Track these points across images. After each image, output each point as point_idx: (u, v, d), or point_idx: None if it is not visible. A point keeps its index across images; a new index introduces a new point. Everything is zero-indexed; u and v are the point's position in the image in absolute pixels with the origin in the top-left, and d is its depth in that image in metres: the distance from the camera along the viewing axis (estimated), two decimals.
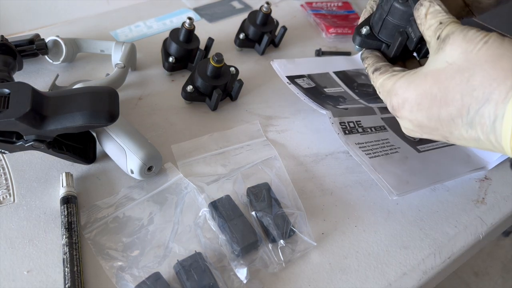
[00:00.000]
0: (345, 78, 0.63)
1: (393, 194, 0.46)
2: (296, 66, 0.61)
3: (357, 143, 0.51)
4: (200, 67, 0.56)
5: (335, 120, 0.52)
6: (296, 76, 0.59)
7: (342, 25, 0.76)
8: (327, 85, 0.60)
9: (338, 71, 0.63)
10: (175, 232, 0.44)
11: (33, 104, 0.40)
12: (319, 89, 0.58)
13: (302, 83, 0.58)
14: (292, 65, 0.61)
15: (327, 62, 0.65)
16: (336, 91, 0.59)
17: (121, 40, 0.68)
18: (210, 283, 0.39)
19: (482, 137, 0.33)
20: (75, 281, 0.39)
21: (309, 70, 0.61)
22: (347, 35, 0.74)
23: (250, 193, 0.46)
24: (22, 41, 0.58)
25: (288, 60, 0.61)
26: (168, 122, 0.56)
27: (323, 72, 0.62)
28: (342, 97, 0.58)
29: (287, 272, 0.42)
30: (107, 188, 0.48)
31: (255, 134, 0.55)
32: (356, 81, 0.62)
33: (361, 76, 0.64)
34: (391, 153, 0.51)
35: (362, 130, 0.53)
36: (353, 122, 0.53)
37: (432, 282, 0.45)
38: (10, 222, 0.44)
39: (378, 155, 0.50)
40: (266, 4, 0.64)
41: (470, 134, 0.34)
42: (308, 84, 0.58)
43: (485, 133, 0.32)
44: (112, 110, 0.43)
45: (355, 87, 0.61)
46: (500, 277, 1.28)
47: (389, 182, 0.47)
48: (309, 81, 0.59)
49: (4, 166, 0.49)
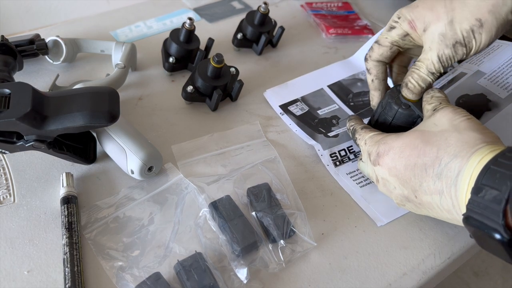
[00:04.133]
0: (340, 90, 0.62)
1: (382, 222, 0.47)
2: (289, 90, 0.61)
3: (348, 173, 0.52)
4: (200, 67, 0.56)
5: (325, 152, 0.53)
6: (289, 102, 0.60)
7: (342, 25, 0.76)
8: (321, 105, 0.60)
9: (333, 84, 0.63)
10: (175, 232, 0.44)
11: (33, 104, 0.40)
12: (313, 113, 0.58)
13: (295, 109, 0.59)
14: (285, 91, 0.61)
15: (322, 75, 0.65)
16: (330, 110, 0.59)
17: (121, 40, 0.68)
18: (210, 283, 0.39)
19: (445, 190, 0.37)
20: (76, 281, 0.39)
21: (303, 91, 0.61)
22: (347, 35, 0.74)
23: (250, 194, 0.46)
24: (22, 41, 0.58)
25: (281, 86, 0.62)
26: (168, 122, 0.56)
27: (317, 89, 0.62)
28: (335, 117, 0.58)
29: (287, 272, 0.42)
30: (108, 188, 0.48)
31: (255, 134, 0.55)
32: (351, 91, 0.62)
33: (357, 84, 0.63)
34: None
35: (354, 156, 0.53)
36: (344, 150, 0.54)
37: (432, 282, 0.45)
38: (10, 222, 0.44)
39: (369, 181, 0.51)
40: (264, 4, 0.64)
41: (436, 186, 0.38)
42: (302, 110, 0.59)
43: (448, 186, 0.37)
44: (112, 110, 0.43)
45: (350, 100, 0.61)
46: (500, 277, 1.28)
47: (379, 210, 0.48)
48: (302, 105, 0.59)
49: (4, 166, 0.49)
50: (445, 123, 0.40)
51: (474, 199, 0.34)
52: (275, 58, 0.68)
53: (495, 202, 0.32)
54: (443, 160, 0.38)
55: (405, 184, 0.41)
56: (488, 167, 0.34)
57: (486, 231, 0.33)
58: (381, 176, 0.44)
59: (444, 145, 0.38)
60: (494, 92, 0.53)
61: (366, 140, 0.46)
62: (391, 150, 0.42)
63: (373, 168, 0.45)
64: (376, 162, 0.44)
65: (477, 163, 0.35)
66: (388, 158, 0.42)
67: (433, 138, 0.39)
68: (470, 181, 0.35)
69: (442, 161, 0.38)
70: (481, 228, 0.33)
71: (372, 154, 0.44)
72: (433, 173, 0.38)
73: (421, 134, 0.41)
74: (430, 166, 0.39)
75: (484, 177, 0.34)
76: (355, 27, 0.76)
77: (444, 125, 0.40)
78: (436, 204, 0.39)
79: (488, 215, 0.32)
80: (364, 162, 0.47)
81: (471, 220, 0.34)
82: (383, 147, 0.43)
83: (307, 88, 0.62)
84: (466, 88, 0.55)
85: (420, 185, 0.40)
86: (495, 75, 0.55)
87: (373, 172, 0.45)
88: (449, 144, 0.38)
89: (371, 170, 0.45)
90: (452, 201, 0.37)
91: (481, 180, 0.34)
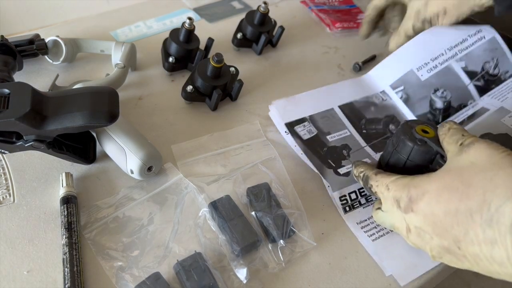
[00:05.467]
0: (352, 113, 0.57)
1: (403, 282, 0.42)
2: (297, 105, 0.56)
3: (358, 222, 0.47)
4: (200, 67, 0.56)
5: (335, 195, 0.48)
6: (296, 121, 0.54)
7: (346, 19, 0.76)
8: (331, 130, 0.54)
9: (344, 104, 0.58)
10: (175, 232, 0.44)
11: (33, 104, 0.40)
12: (321, 139, 0.53)
13: (302, 131, 0.53)
14: (292, 105, 0.56)
15: (332, 92, 0.59)
16: (341, 137, 0.54)
17: (121, 40, 0.68)
18: (210, 283, 0.39)
19: (499, 239, 0.32)
20: (75, 281, 0.39)
21: (312, 109, 0.56)
22: (352, 29, 0.75)
23: (250, 193, 0.46)
24: (22, 41, 0.58)
25: (288, 98, 0.56)
26: (168, 122, 0.56)
27: (327, 108, 0.56)
28: (346, 146, 0.53)
29: (287, 272, 0.42)
30: (107, 188, 0.48)
31: (255, 134, 0.55)
32: (364, 116, 0.57)
33: (370, 108, 0.58)
34: None
35: (365, 201, 0.48)
36: (355, 192, 0.49)
37: (432, 282, 0.45)
38: (10, 222, 0.44)
39: (383, 234, 0.46)
40: (264, 4, 0.64)
41: (487, 234, 0.33)
42: (309, 132, 0.53)
43: (503, 234, 0.32)
44: (112, 110, 0.43)
45: (363, 126, 0.56)
46: None
47: (394, 270, 0.43)
48: (311, 127, 0.54)
49: (4, 166, 0.49)
50: (484, 160, 0.35)
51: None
52: (275, 58, 0.68)
53: None
54: (492, 204, 0.32)
55: (445, 233, 0.36)
56: None
57: None
58: (414, 225, 0.38)
59: (490, 186, 0.33)
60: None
61: (388, 185, 0.40)
62: (426, 194, 0.37)
63: (403, 216, 0.39)
64: (409, 209, 0.38)
65: None
66: (423, 203, 0.37)
67: (474, 178, 0.34)
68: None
69: (491, 205, 0.33)
70: None
71: (402, 200, 0.39)
72: (481, 220, 0.33)
73: (458, 174, 0.36)
74: (476, 211, 0.33)
75: None
76: (358, 21, 0.76)
77: (483, 164, 0.35)
78: (485, 256, 0.34)
79: None
80: (385, 212, 0.42)
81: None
82: (415, 191, 0.38)
83: (316, 105, 0.57)
84: (488, 126, 0.51)
85: (466, 234, 0.34)
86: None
87: (402, 221, 0.40)
88: (497, 185, 0.33)
89: (400, 218, 0.40)
90: (507, 252, 0.32)
91: None
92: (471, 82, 0.58)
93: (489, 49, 0.60)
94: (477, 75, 0.58)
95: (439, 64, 0.58)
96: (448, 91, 0.57)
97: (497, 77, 0.59)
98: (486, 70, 0.59)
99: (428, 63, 0.58)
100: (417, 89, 0.58)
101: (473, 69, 0.59)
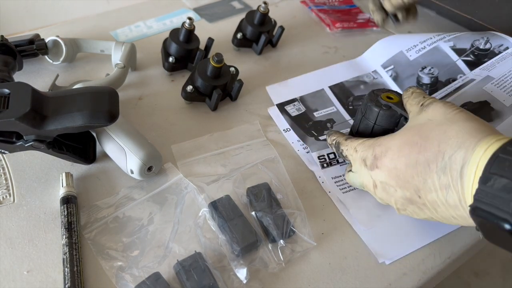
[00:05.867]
0: (341, 92, 0.61)
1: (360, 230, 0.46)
2: (289, 88, 0.61)
3: (333, 177, 0.50)
4: (200, 67, 0.56)
5: (314, 155, 0.52)
6: (287, 101, 0.59)
7: (346, 19, 0.76)
8: (319, 107, 0.58)
9: (334, 84, 0.62)
10: (175, 232, 0.44)
11: (33, 104, 0.40)
12: (308, 115, 0.57)
13: (291, 109, 0.58)
14: (285, 89, 0.61)
15: (325, 74, 0.63)
16: (327, 113, 0.58)
17: (121, 40, 0.68)
18: (210, 283, 0.39)
19: (452, 184, 0.36)
20: (75, 281, 0.39)
21: (302, 91, 0.60)
22: (352, 29, 0.75)
23: (250, 193, 0.46)
24: (22, 41, 0.58)
25: (281, 83, 0.61)
26: (168, 122, 0.56)
27: (318, 89, 0.61)
28: (331, 120, 0.57)
29: (287, 272, 0.42)
30: (107, 188, 0.48)
31: (255, 134, 0.55)
32: (352, 94, 0.61)
33: (360, 86, 0.62)
34: None
35: (343, 160, 0.52)
36: (333, 153, 0.52)
37: (432, 282, 0.45)
38: (10, 222, 0.44)
39: (352, 188, 0.49)
40: (264, 4, 0.64)
41: (442, 181, 0.37)
42: (298, 110, 0.58)
43: (455, 179, 0.36)
44: (112, 110, 0.43)
45: (350, 103, 0.59)
46: (501, 277, 1.28)
47: (359, 217, 0.46)
48: (300, 105, 0.58)
49: (4, 166, 0.49)
50: (439, 117, 0.40)
51: (482, 188, 0.33)
52: (275, 58, 0.68)
53: (505, 191, 0.31)
54: (446, 153, 0.37)
55: (407, 184, 0.40)
56: (497, 156, 0.33)
57: (495, 222, 0.32)
58: (380, 180, 0.42)
59: (444, 138, 0.38)
60: (499, 99, 0.51)
61: (356, 147, 0.45)
62: (388, 151, 0.41)
63: (369, 173, 0.43)
64: (374, 166, 0.42)
65: (483, 152, 0.34)
66: (386, 159, 0.41)
67: (431, 133, 0.39)
68: (477, 171, 0.34)
69: (445, 154, 0.37)
70: (489, 219, 0.32)
71: (367, 159, 0.43)
72: (437, 168, 0.37)
73: (417, 130, 0.40)
74: (433, 161, 0.38)
75: (492, 166, 0.33)
76: (358, 21, 0.76)
77: (439, 119, 0.40)
78: (441, 202, 0.38)
79: (497, 205, 0.32)
80: (354, 172, 0.46)
81: (479, 211, 0.33)
82: (379, 148, 0.42)
83: (307, 87, 0.61)
84: (470, 95, 0.54)
85: (425, 183, 0.38)
86: (503, 80, 0.53)
87: (369, 178, 0.44)
88: (449, 136, 0.37)
89: (367, 176, 0.44)
90: (458, 195, 0.36)
91: (489, 169, 0.33)
92: (459, 58, 0.60)
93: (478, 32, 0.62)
94: (466, 51, 0.60)
95: (428, 45, 0.62)
96: (436, 68, 0.60)
97: (490, 51, 0.59)
98: (475, 46, 0.60)
99: (416, 45, 0.63)
100: (406, 67, 0.62)
101: (461, 47, 0.61)
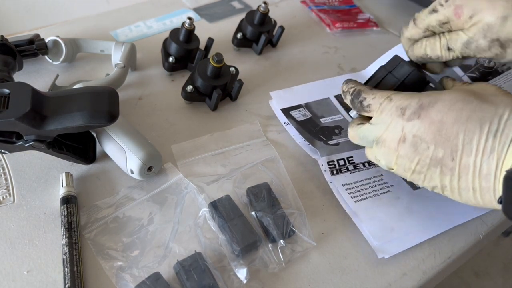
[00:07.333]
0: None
1: (373, 243, 0.44)
2: (294, 95, 0.58)
3: (344, 184, 0.48)
4: (200, 67, 0.56)
5: (323, 159, 0.50)
6: (291, 107, 0.57)
7: (346, 19, 0.76)
8: (325, 114, 0.57)
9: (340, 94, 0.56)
10: (175, 232, 0.44)
11: (33, 104, 0.40)
12: (314, 121, 0.55)
13: (297, 115, 0.56)
14: (289, 95, 0.58)
15: (330, 85, 0.61)
16: (334, 120, 0.56)
17: (121, 40, 0.68)
18: (210, 283, 0.39)
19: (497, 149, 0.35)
20: (75, 281, 0.39)
21: (308, 98, 0.58)
22: (352, 29, 0.75)
23: (250, 193, 0.46)
24: (22, 41, 0.58)
25: (285, 90, 0.59)
26: (168, 122, 0.56)
27: (323, 98, 0.59)
28: (338, 127, 0.55)
29: (287, 272, 0.42)
30: (107, 188, 0.48)
31: (255, 134, 0.55)
32: None
33: None
34: (381, 194, 0.48)
35: (353, 168, 0.50)
36: (343, 159, 0.51)
37: (432, 282, 0.45)
38: (10, 222, 0.44)
39: (366, 197, 0.47)
40: (264, 4, 0.64)
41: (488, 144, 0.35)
42: (304, 116, 0.56)
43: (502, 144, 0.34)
44: (112, 110, 0.43)
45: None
46: (501, 277, 1.28)
47: (371, 230, 0.45)
48: (305, 111, 0.56)
49: (4, 166, 0.49)
50: (492, 88, 0.39)
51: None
52: (275, 58, 0.68)
53: None
54: (503, 117, 0.35)
55: (446, 142, 0.37)
56: None
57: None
58: (414, 133, 0.38)
59: (501, 103, 0.36)
60: None
61: (391, 96, 0.40)
62: (438, 102, 0.38)
63: (403, 125, 0.39)
64: (415, 116, 0.38)
65: None
66: (433, 111, 0.38)
67: (488, 97, 0.37)
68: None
69: (502, 117, 0.35)
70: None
71: (409, 108, 0.39)
72: (488, 130, 0.35)
73: (471, 92, 0.38)
74: (486, 122, 0.35)
75: None
76: (358, 21, 0.76)
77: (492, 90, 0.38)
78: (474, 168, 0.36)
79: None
80: (373, 124, 0.41)
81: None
82: (427, 98, 0.38)
83: (312, 95, 0.59)
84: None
85: (469, 143, 0.36)
86: None
87: (398, 130, 0.39)
88: (507, 104, 0.36)
89: (396, 128, 0.39)
90: (497, 162, 0.34)
91: None
92: (465, 74, 0.60)
93: None
94: (471, 68, 0.61)
95: None
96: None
97: (494, 69, 0.60)
98: (480, 63, 0.61)
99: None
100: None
101: (467, 63, 0.61)
